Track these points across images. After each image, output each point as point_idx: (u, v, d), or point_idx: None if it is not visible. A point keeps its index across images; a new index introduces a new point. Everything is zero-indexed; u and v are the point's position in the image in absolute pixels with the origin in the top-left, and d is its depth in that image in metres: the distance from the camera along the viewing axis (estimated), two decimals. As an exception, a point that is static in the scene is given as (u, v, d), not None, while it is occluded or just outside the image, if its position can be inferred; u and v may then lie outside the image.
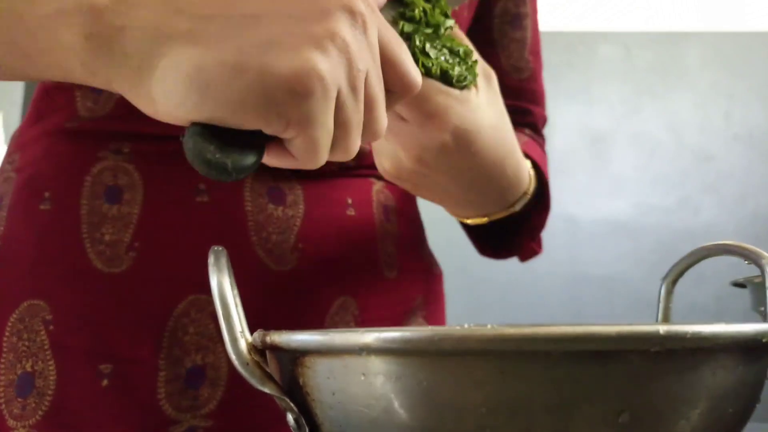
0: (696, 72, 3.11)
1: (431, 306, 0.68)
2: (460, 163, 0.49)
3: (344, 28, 0.33)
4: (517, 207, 0.57)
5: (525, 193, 0.57)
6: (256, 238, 0.56)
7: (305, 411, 0.35)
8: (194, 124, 0.33)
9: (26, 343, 0.54)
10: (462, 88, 0.47)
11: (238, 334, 0.35)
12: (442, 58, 0.46)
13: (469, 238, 0.72)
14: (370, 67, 0.35)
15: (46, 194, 0.57)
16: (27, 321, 0.54)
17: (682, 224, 3.01)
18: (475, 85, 0.49)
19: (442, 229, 0.70)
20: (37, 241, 0.56)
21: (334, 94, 0.32)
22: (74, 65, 0.34)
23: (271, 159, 0.35)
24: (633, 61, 3.14)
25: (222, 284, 0.35)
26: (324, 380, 0.33)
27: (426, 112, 0.46)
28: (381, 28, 0.36)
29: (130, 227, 0.55)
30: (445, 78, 0.46)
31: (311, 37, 0.32)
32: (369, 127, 0.36)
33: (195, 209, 0.56)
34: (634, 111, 3.11)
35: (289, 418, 0.36)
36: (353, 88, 0.34)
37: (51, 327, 0.54)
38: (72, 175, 0.57)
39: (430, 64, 0.45)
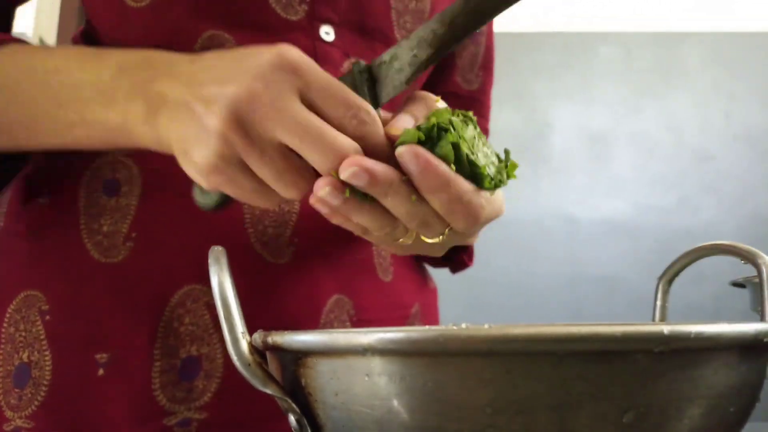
0: (695, 72, 3.11)
1: (427, 319, 0.68)
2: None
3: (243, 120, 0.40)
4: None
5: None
6: (252, 231, 0.56)
7: (307, 412, 0.35)
8: None
9: (23, 334, 0.54)
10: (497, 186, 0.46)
11: (239, 334, 0.35)
12: (491, 165, 0.45)
13: None
14: (272, 138, 0.41)
15: (45, 189, 0.57)
16: (24, 311, 0.54)
17: (682, 224, 3.01)
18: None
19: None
20: (34, 233, 0.56)
21: (238, 170, 0.42)
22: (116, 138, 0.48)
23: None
24: (632, 62, 3.14)
25: (223, 284, 0.35)
26: (327, 381, 0.33)
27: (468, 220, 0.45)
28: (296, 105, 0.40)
29: (128, 218, 0.55)
30: (495, 185, 0.45)
31: (213, 135, 0.41)
32: (285, 184, 0.43)
33: (192, 200, 0.57)
34: (634, 111, 3.11)
35: (291, 419, 0.36)
36: (257, 160, 0.41)
37: (47, 317, 0.54)
38: (71, 169, 0.57)
39: (484, 171, 0.44)
